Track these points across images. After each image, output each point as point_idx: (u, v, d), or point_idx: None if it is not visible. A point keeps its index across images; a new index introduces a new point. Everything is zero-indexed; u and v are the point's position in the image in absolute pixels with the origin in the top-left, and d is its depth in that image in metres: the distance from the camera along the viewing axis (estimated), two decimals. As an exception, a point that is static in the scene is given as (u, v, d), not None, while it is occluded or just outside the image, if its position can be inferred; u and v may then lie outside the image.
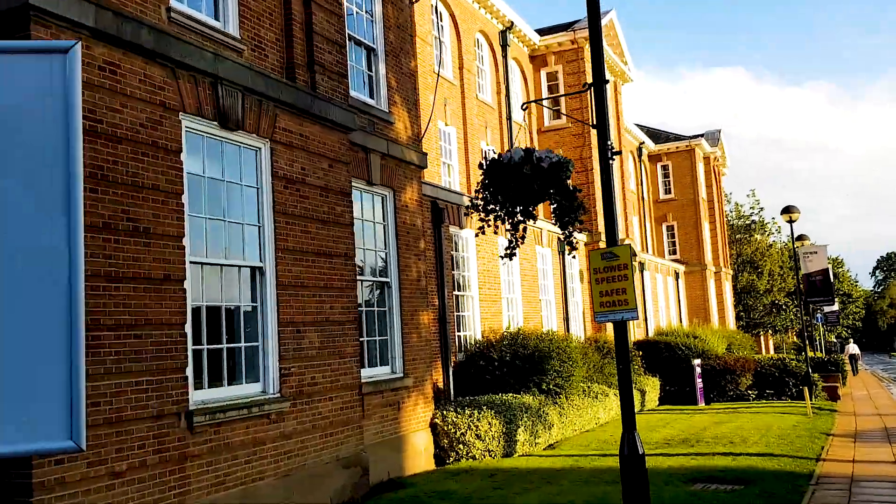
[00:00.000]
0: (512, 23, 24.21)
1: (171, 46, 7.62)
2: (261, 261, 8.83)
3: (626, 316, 5.00)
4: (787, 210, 22.45)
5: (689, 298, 42.14)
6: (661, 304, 36.30)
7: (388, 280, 12.05)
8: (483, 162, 5.91)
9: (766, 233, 57.85)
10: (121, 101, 7.11)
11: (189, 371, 7.60)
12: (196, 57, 7.94)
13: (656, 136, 44.63)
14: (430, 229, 15.68)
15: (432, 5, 20.63)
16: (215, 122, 8.28)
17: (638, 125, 43.54)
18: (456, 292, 16.78)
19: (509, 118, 24.31)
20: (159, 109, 7.54)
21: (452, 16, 21.48)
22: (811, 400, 21.66)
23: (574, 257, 23.02)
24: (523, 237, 6.20)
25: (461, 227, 17.06)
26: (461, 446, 12.38)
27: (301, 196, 9.43)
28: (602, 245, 25.72)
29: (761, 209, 55.68)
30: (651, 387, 21.48)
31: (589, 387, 17.73)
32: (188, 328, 7.63)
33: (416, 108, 13.29)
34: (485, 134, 23.04)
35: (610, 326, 26.38)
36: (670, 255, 42.95)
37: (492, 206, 5.98)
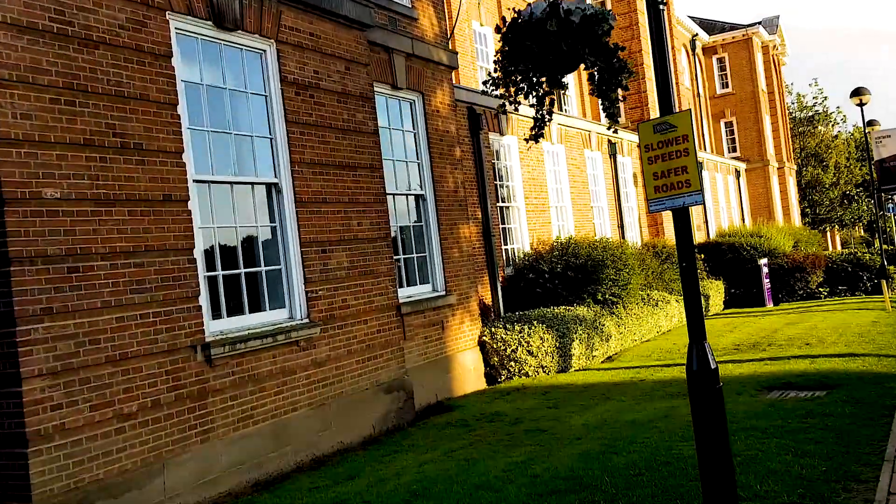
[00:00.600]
0: None
1: (147, -65, 6.67)
2: (276, 176, 8.02)
3: (689, 200, 4.00)
4: (857, 92, 20.63)
5: (751, 197, 40.40)
6: (721, 205, 34.77)
7: (422, 193, 11.17)
8: (500, 24, 4.86)
9: (831, 123, 54.88)
10: (94, 0, 6.25)
11: (203, 300, 6.93)
12: (179, -53, 6.98)
13: (710, 27, 42.10)
14: (468, 137, 14.68)
15: None
16: (210, 22, 7.37)
17: (690, 17, 41.09)
18: (500, 204, 15.86)
19: (550, 15, 22.73)
20: (142, 8, 6.66)
21: None
22: (889, 293, 20.37)
23: (621, 138, 21.73)
24: (550, 112, 5.16)
25: (502, 134, 16.02)
26: (512, 364, 11.67)
27: (316, 103, 8.53)
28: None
29: (825, 98, 52.66)
30: (715, 290, 20.44)
31: (648, 294, 16.81)
32: (198, 253, 6.92)
33: (443, 2, 12.12)
34: (524, 34, 21.58)
35: (668, 229, 25.19)
36: (730, 153, 41.03)
37: (512, 78, 4.95)
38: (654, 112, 24.97)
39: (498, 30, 4.84)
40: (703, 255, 22.41)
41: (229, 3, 7.49)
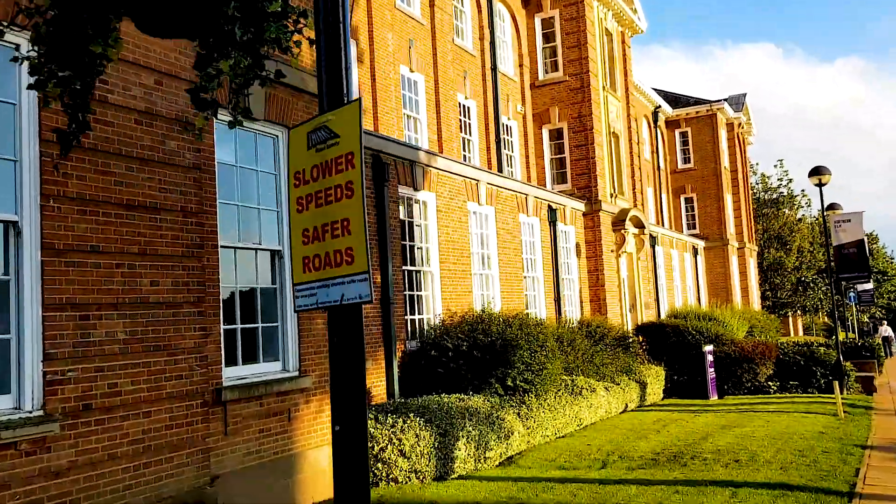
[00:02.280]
0: (497, -42, 21.00)
1: None
2: (16, 213, 5.94)
3: (350, 293, 2.05)
4: (817, 171, 19.14)
5: (709, 276, 38.91)
6: (676, 282, 33.16)
7: (279, 248, 9.13)
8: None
9: (796, 206, 54.08)
10: None
11: None
12: None
13: (675, 100, 41.15)
14: (370, 188, 12.78)
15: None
16: (-83, -4, 5.37)
17: (656, 89, 40.11)
18: (408, 267, 13.89)
19: (494, 69, 21.18)
20: None
21: (420, -57, 18.34)
22: (842, 394, 18.51)
23: (563, 204, 19.84)
24: (85, 104, 3.12)
25: (416, 189, 14.13)
26: (379, 466, 9.48)
27: (98, 121, 6.50)
28: (605, 213, 22.60)
29: (790, 181, 51.92)
30: (654, 377, 18.44)
31: (573, 381, 14.77)
32: None
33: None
34: (462, 85, 19.95)
35: (613, 307, 23.32)
36: (689, 230, 39.66)
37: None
38: (604, 181, 23.36)
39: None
40: (643, 338, 20.50)
41: (-46, -25, 5.50)
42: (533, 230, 19.33)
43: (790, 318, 60.21)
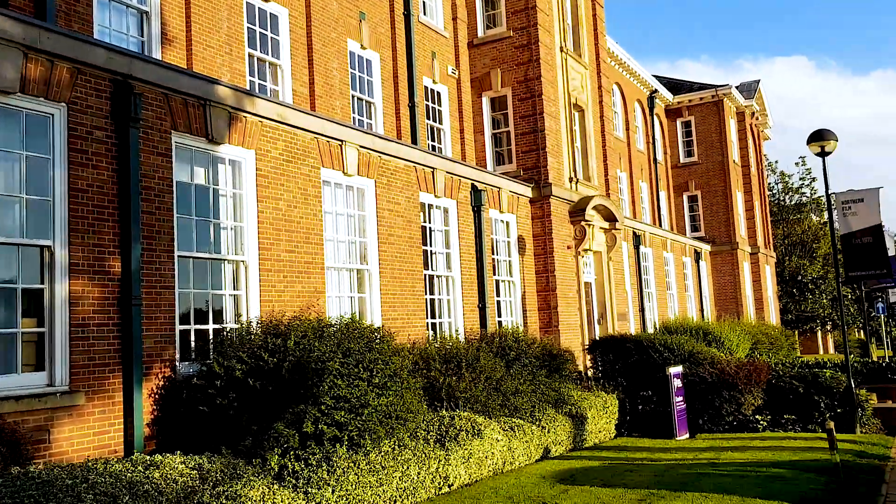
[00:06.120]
0: None
1: None
2: None
3: None
4: (819, 136, 14.38)
5: (715, 286, 33.97)
6: (671, 292, 28.33)
7: (49, 244, 4.75)
8: None
9: (822, 210, 48.75)
10: None
11: None
12: None
13: (677, 87, 36.39)
14: (108, 130, 8.43)
15: None
16: None
17: (656, 76, 35.40)
18: (191, 253, 9.49)
19: (407, 14, 16.73)
20: None
21: None
22: (856, 432, 13.68)
23: (496, 186, 15.15)
24: None
25: (216, 141, 9.77)
26: None
27: None
28: (557, 200, 18.03)
29: (813, 180, 46.59)
30: (599, 409, 13.70)
31: (451, 418, 10.20)
32: None
33: None
34: (357, 31, 15.53)
35: (569, 316, 18.59)
36: (693, 232, 34.75)
37: None
38: (557, 160, 18.77)
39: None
40: (594, 356, 15.85)
41: None
42: (447, 216, 14.86)
43: (819, 336, 54.64)
